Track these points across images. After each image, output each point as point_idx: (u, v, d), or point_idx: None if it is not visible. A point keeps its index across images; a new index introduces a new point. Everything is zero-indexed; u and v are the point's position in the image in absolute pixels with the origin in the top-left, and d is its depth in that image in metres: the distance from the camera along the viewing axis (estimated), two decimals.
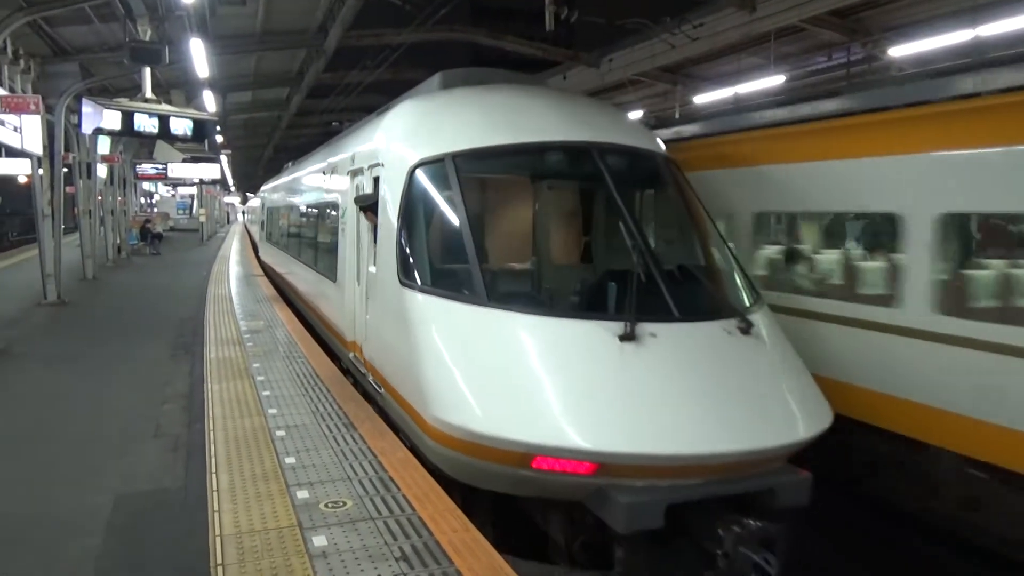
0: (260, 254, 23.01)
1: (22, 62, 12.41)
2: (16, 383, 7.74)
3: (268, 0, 13.66)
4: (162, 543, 4.02)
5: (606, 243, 6.16)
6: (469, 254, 4.98)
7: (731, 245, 6.05)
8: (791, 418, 4.55)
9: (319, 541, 3.85)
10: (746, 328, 4.83)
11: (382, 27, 18.66)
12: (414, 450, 5.30)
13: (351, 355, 7.22)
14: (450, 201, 5.35)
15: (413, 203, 5.53)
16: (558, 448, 4.12)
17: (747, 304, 5.27)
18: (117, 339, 9.95)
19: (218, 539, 3.87)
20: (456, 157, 5.40)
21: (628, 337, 4.44)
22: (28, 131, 11.98)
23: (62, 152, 14.61)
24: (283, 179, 17.17)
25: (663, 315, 4.68)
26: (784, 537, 4.24)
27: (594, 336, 4.48)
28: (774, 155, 7.05)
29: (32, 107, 9.80)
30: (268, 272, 18.52)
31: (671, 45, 17.04)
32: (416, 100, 6.65)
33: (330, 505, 4.31)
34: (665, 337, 4.53)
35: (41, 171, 13.33)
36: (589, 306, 5.07)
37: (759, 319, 5.09)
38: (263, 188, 24.94)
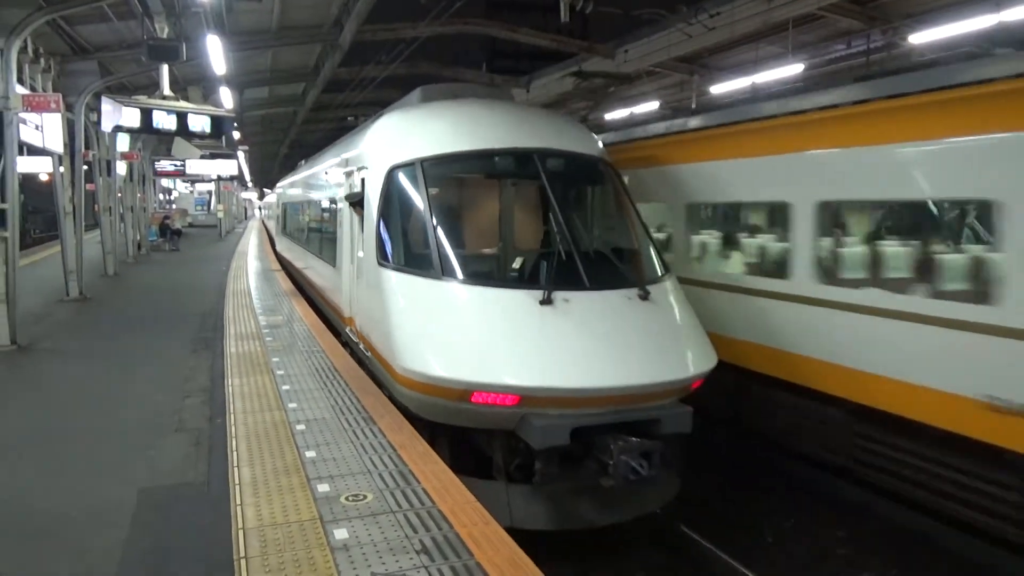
0: (276, 247, 24.25)
1: (42, 61, 12.55)
2: (41, 378, 7.85)
3: None
4: (186, 536, 4.06)
5: (543, 229, 7.33)
6: (430, 239, 6.22)
7: (650, 230, 7.33)
8: (673, 363, 5.82)
9: (340, 534, 3.88)
10: (644, 295, 6.07)
11: (397, 21, 18.66)
12: (391, 399, 6.46)
13: (347, 329, 8.46)
14: (417, 197, 6.58)
15: (389, 199, 6.75)
16: (488, 384, 5.41)
17: (654, 277, 6.53)
18: (139, 334, 10.06)
19: (241, 532, 3.90)
20: (423, 161, 6.63)
21: (546, 302, 5.72)
22: (49, 129, 12.14)
23: (82, 150, 14.79)
24: (295, 176, 18.41)
25: (576, 285, 5.92)
26: (660, 451, 5.50)
27: (520, 301, 5.75)
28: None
29: (53, 105, 9.88)
30: (283, 263, 19.39)
31: (687, 35, 16.91)
32: (396, 112, 7.89)
33: (351, 498, 4.34)
34: (576, 302, 5.80)
35: (62, 169, 13.48)
36: (520, 279, 6.28)
37: (661, 288, 6.35)
38: (279, 184, 26.15)
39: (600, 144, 7.64)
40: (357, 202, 7.56)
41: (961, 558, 6.20)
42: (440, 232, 6.27)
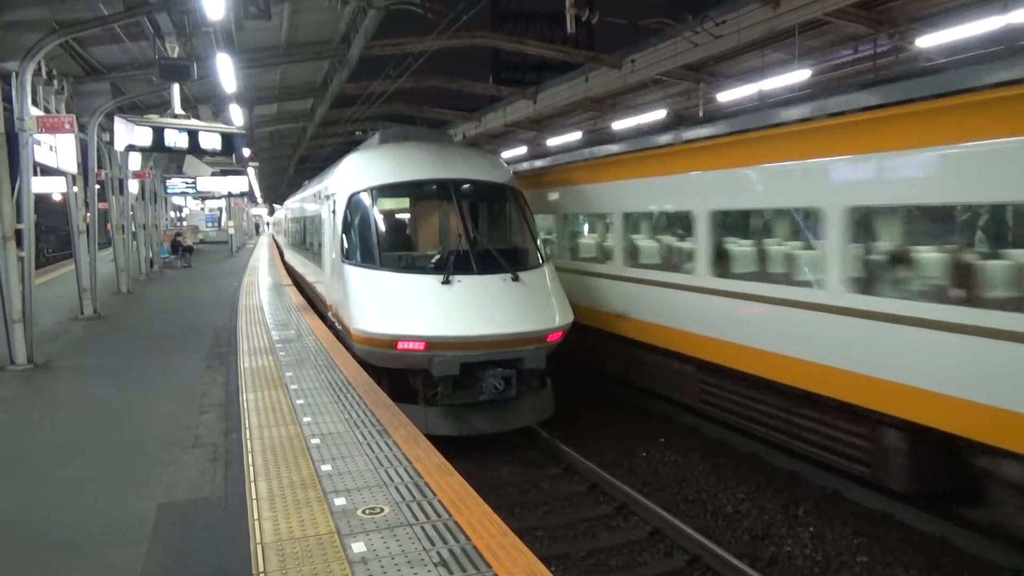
0: (284, 257, 26.47)
1: (56, 83, 12.69)
2: (58, 396, 7.92)
3: (292, 13, 13.83)
4: (205, 551, 4.09)
5: (453, 235, 9.70)
6: (374, 243, 9.23)
7: (538, 236, 10.19)
8: (528, 321, 8.57)
9: (358, 547, 3.89)
10: (516, 278, 8.86)
11: (404, 36, 18.79)
12: (351, 352, 9.05)
13: (329, 313, 11.27)
14: (367, 214, 9.48)
15: (350, 215, 9.59)
16: (407, 335, 8.28)
17: (531, 266, 9.33)
18: (153, 351, 10.13)
19: (259, 547, 3.92)
20: (373, 188, 9.59)
21: (446, 282, 8.56)
22: (62, 150, 12.25)
23: (95, 169, 14.92)
24: (296, 197, 22.39)
25: (468, 272, 8.70)
26: (515, 377, 8.52)
27: (429, 282, 8.61)
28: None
29: (66, 126, 9.98)
30: (290, 271, 21.30)
31: (693, 44, 16.94)
32: (359, 152, 11.11)
33: (367, 511, 4.35)
34: (466, 282, 8.61)
35: (75, 188, 13.62)
36: (431, 268, 8.91)
37: (533, 274, 9.19)
38: (285, 203, 27.95)
39: (509, 173, 10.63)
40: (332, 218, 10.47)
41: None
42: (381, 238, 9.32)
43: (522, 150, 28.11)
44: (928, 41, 13.68)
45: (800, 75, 15.94)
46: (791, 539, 6.95)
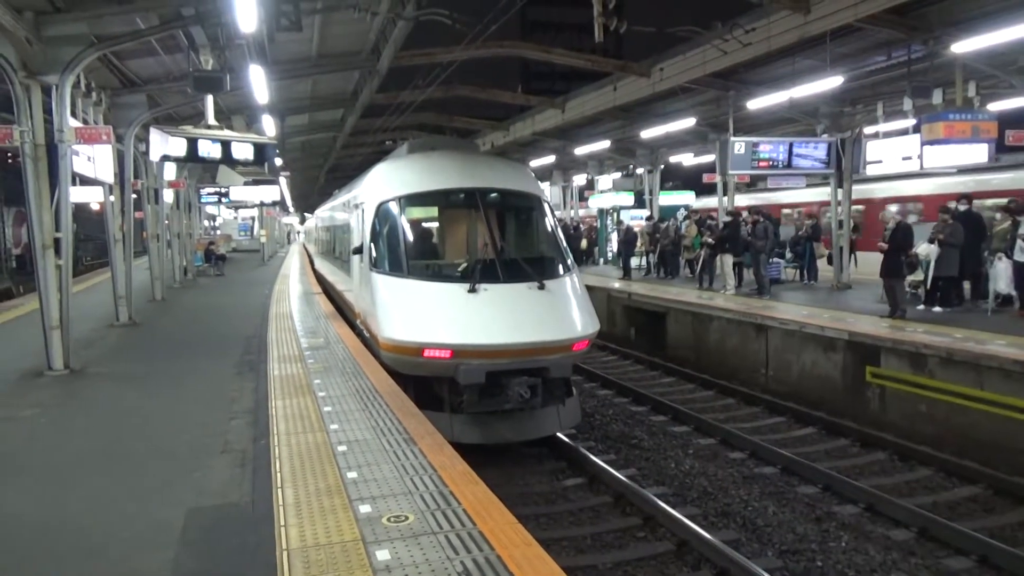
0: (315, 266, 26.61)
1: (94, 95, 12.99)
2: (93, 401, 8.06)
3: (323, 24, 14.01)
4: (232, 557, 4.12)
5: (479, 243, 9.80)
6: (402, 252, 9.24)
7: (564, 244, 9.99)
8: (553, 330, 8.51)
9: (382, 555, 3.89)
10: (541, 286, 8.75)
11: (433, 46, 18.92)
12: (378, 359, 9.25)
13: (357, 321, 11.34)
14: (395, 223, 9.53)
15: (378, 224, 9.63)
16: (433, 343, 8.20)
17: (556, 275, 9.21)
18: (186, 357, 10.28)
19: (285, 553, 3.94)
20: (401, 198, 9.66)
21: (472, 291, 8.47)
22: (100, 160, 12.52)
23: (131, 179, 15.24)
24: (328, 205, 22.68)
25: (494, 280, 8.67)
26: (540, 385, 8.40)
27: (455, 291, 8.56)
28: None
29: (104, 137, 10.22)
30: (320, 279, 21.65)
31: (723, 51, 16.81)
32: (387, 162, 11.29)
33: (392, 519, 4.35)
34: (492, 291, 8.55)
35: (112, 198, 13.91)
36: (457, 277, 8.98)
37: (558, 282, 9.07)
38: (316, 213, 28.91)
39: (535, 182, 10.83)
40: (361, 226, 10.55)
41: None
42: (408, 246, 9.35)
43: None
44: (964, 47, 13.41)
45: (832, 82, 15.72)
46: (822, 554, 6.81)
